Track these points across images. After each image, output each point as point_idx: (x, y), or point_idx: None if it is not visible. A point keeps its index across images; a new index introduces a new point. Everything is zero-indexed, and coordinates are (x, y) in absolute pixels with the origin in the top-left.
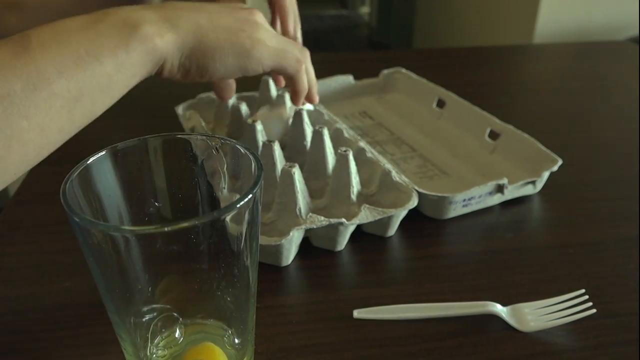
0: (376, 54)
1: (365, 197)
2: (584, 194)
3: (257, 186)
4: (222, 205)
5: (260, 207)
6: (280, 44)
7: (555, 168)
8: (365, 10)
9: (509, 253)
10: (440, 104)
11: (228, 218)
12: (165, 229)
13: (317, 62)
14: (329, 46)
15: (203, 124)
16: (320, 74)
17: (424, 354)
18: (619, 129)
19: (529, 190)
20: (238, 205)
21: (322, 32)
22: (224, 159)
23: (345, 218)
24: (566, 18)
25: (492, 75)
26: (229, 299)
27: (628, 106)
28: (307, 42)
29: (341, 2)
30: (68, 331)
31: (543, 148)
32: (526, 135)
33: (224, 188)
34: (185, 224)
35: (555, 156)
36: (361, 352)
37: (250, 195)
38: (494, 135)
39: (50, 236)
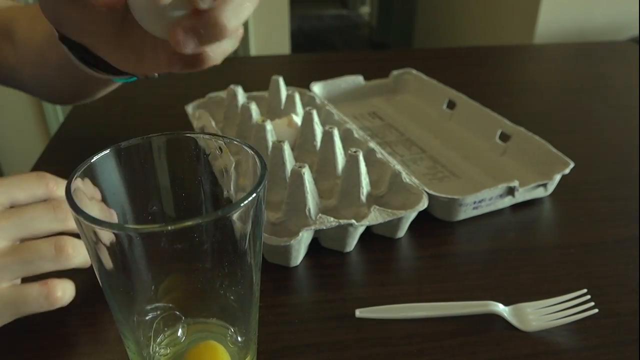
0: (376, 54)
1: (374, 198)
2: (584, 194)
3: (261, 185)
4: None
5: (264, 207)
6: (14, 273)
7: (567, 171)
8: (365, 10)
9: (511, 253)
10: (451, 105)
11: (232, 217)
12: (169, 228)
13: (318, 61)
14: (329, 46)
15: (213, 123)
16: (323, 73)
17: (426, 353)
18: (619, 129)
19: (540, 192)
20: (242, 205)
21: (323, 32)
22: (231, 158)
23: (355, 219)
24: (566, 18)
25: (492, 75)
26: (232, 298)
27: (628, 106)
28: (307, 42)
29: (341, 2)
30: (71, 329)
31: (554, 150)
32: (537, 138)
33: (231, 188)
34: (188, 223)
35: (567, 159)
36: (363, 351)
37: (254, 195)
38: (504, 137)
39: None
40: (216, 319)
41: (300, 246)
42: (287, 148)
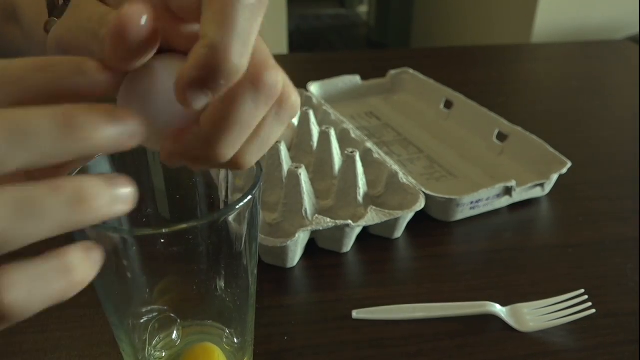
0: (373, 53)
1: (371, 199)
2: (582, 193)
3: (257, 187)
4: (224, 206)
5: (259, 208)
6: None
7: (564, 170)
8: (363, 9)
9: (508, 253)
10: (448, 104)
11: (227, 219)
12: (164, 230)
13: (315, 61)
14: (327, 45)
15: None
16: (320, 73)
17: (423, 354)
18: (618, 129)
19: (537, 192)
20: (237, 207)
21: (320, 32)
22: None
23: (352, 219)
24: (564, 17)
25: (489, 75)
26: (228, 300)
27: (626, 106)
28: (305, 42)
29: (339, 1)
30: (66, 332)
31: (552, 150)
32: (535, 137)
33: (227, 189)
34: (183, 226)
35: (564, 158)
36: (360, 352)
37: (250, 197)
38: (502, 136)
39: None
40: (212, 321)
41: (296, 247)
42: (283, 148)
